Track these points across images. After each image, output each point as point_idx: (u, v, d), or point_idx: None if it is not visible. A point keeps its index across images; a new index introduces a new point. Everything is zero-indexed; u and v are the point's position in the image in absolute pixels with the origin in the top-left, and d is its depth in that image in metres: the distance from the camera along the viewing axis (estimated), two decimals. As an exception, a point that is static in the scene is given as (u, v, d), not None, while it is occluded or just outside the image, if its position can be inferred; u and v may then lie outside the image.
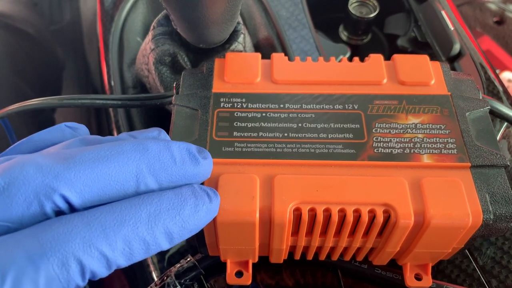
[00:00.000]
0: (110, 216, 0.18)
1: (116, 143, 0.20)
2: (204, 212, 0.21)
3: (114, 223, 0.18)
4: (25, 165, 0.18)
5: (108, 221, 0.18)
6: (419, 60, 0.30)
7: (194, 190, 0.21)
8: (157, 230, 0.19)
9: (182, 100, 0.28)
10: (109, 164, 0.19)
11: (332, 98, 0.28)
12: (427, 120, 0.27)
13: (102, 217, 0.18)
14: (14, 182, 0.18)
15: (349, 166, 0.26)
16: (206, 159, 0.22)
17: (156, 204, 0.20)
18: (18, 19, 0.60)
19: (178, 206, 0.20)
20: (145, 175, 0.20)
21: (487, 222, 0.24)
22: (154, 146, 0.21)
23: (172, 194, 0.20)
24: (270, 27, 0.42)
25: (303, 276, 0.31)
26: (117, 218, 0.18)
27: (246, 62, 0.30)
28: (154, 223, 0.19)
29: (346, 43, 0.51)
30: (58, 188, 0.18)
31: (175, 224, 0.20)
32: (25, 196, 0.18)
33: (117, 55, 0.42)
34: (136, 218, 0.19)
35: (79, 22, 0.70)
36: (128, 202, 0.19)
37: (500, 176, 0.25)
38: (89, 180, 0.19)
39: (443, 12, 0.43)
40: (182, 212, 0.20)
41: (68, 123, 0.24)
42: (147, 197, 0.20)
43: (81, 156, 0.19)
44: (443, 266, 0.31)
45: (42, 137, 0.23)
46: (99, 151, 0.20)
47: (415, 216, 0.24)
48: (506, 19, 0.76)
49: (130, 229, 0.18)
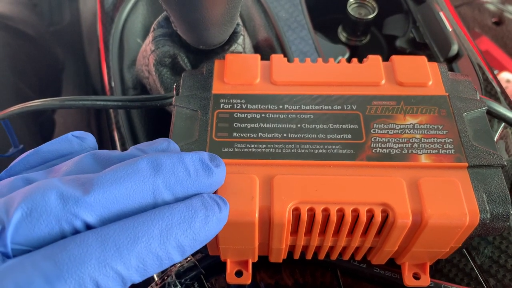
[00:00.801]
0: (124, 234, 0.19)
1: (130, 161, 0.21)
2: (214, 222, 0.21)
3: (128, 241, 0.19)
4: (46, 191, 0.19)
5: (122, 239, 0.19)
6: (417, 61, 0.30)
7: (204, 200, 0.21)
8: (169, 245, 0.20)
9: (182, 101, 0.28)
10: (126, 184, 0.20)
11: (330, 99, 0.29)
12: (425, 121, 0.27)
13: (116, 235, 0.18)
14: (36, 209, 0.18)
15: (347, 166, 0.26)
16: (219, 166, 0.23)
17: (168, 219, 0.20)
18: (18, 20, 0.60)
19: (189, 219, 0.20)
20: (162, 190, 0.21)
21: (484, 222, 0.24)
22: (168, 161, 0.21)
23: (183, 207, 0.21)
24: (270, 28, 0.42)
25: (302, 276, 0.31)
26: (130, 236, 0.19)
27: (246, 64, 0.30)
28: (166, 238, 0.19)
29: (345, 44, 0.51)
30: (79, 214, 0.19)
31: (187, 237, 0.20)
32: (47, 222, 0.18)
33: (117, 56, 0.42)
34: (149, 235, 0.19)
35: (79, 23, 0.70)
36: (141, 218, 0.20)
37: (497, 176, 0.25)
38: (108, 203, 0.19)
39: (441, 13, 0.43)
40: (193, 224, 0.20)
41: (75, 133, 0.24)
42: (159, 212, 0.20)
43: (98, 179, 0.20)
44: (441, 265, 0.31)
45: (50, 149, 0.23)
46: (115, 173, 0.20)
47: (413, 215, 0.24)
48: (505, 20, 0.76)
49: (144, 246, 0.19)
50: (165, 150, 0.24)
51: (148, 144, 0.24)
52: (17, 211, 0.18)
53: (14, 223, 0.18)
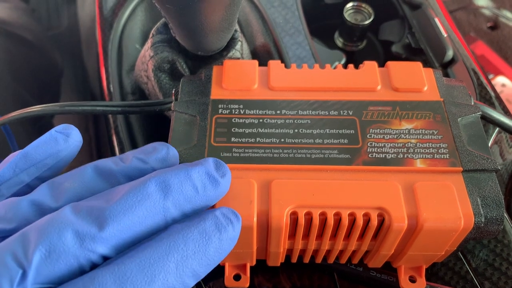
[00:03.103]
0: (141, 273, 0.19)
1: (139, 185, 0.21)
2: (227, 243, 0.21)
3: (145, 281, 0.19)
4: (62, 230, 0.19)
5: (139, 279, 0.19)
6: (412, 67, 0.31)
7: (217, 221, 0.21)
8: (185, 276, 0.20)
9: (181, 107, 0.29)
10: (138, 213, 0.20)
11: (327, 104, 0.29)
12: (420, 126, 0.28)
13: (133, 276, 0.19)
14: (55, 250, 0.18)
15: (344, 170, 0.26)
16: (225, 175, 0.23)
17: (182, 250, 0.20)
18: (16, 25, 0.60)
19: (204, 247, 0.20)
20: (172, 211, 0.21)
21: (478, 225, 0.25)
22: (175, 180, 0.21)
23: (196, 235, 0.21)
24: (267, 34, 0.43)
25: (300, 279, 0.32)
26: (148, 275, 0.19)
27: (244, 69, 0.31)
28: (182, 271, 0.20)
29: (341, 50, 0.51)
30: (96, 250, 0.19)
31: (201, 265, 0.20)
32: (66, 261, 0.19)
33: (116, 62, 0.42)
34: (166, 270, 0.19)
35: (77, 28, 0.70)
36: (156, 253, 0.19)
37: (491, 180, 0.26)
38: (122, 234, 0.20)
39: (436, 19, 0.44)
40: (207, 252, 0.20)
41: (57, 128, 0.24)
42: (173, 243, 0.20)
43: (110, 212, 0.20)
44: (437, 268, 0.32)
45: (37, 151, 0.23)
46: (126, 201, 0.20)
47: (409, 219, 0.24)
48: (500, 24, 0.77)
49: (161, 283, 0.19)
50: (165, 158, 0.24)
51: (148, 152, 0.24)
52: (36, 254, 0.18)
53: (35, 267, 0.18)
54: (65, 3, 0.79)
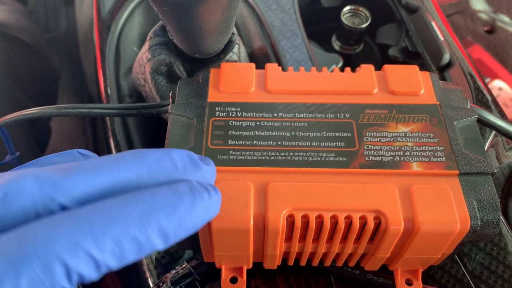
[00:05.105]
0: (99, 215, 0.17)
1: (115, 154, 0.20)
2: (202, 209, 0.20)
3: (103, 223, 0.17)
4: (23, 175, 0.18)
5: (97, 220, 0.17)
6: (409, 70, 0.31)
7: (191, 186, 0.20)
8: (151, 229, 0.18)
9: (178, 109, 0.29)
10: (108, 172, 0.19)
11: (324, 107, 0.29)
12: (416, 129, 0.28)
13: (90, 217, 0.17)
14: (11, 192, 0.17)
15: (341, 173, 0.26)
16: (208, 165, 0.22)
17: (149, 202, 0.18)
18: (14, 27, 0.60)
19: (174, 203, 0.19)
20: (146, 179, 0.20)
21: (474, 228, 0.25)
22: (154, 153, 0.20)
23: (166, 191, 0.19)
24: (264, 37, 0.43)
25: (296, 282, 0.32)
26: (106, 218, 0.17)
27: (241, 72, 0.31)
28: (148, 222, 0.18)
29: (338, 53, 0.51)
30: (56, 198, 0.18)
31: (170, 222, 0.19)
32: (21, 206, 0.17)
33: (114, 64, 0.43)
34: (127, 217, 0.18)
35: (75, 31, 0.70)
36: (119, 200, 0.18)
37: (487, 183, 0.26)
38: (87, 188, 0.18)
39: (433, 23, 0.44)
40: (178, 210, 0.19)
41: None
42: (139, 194, 0.19)
43: (79, 165, 0.19)
44: (433, 271, 0.32)
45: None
46: (98, 160, 0.19)
47: (405, 222, 0.24)
48: (497, 28, 0.77)
49: (121, 228, 0.17)
50: None
51: None
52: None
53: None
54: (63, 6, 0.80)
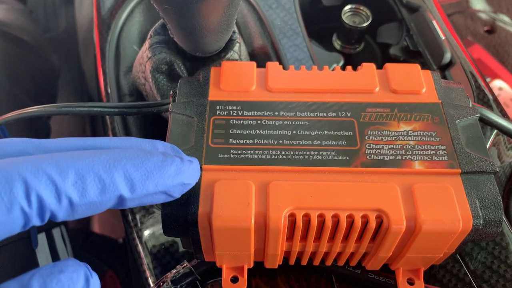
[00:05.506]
0: (67, 155, 0.18)
1: None
2: (172, 169, 0.20)
3: (69, 158, 0.18)
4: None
5: (64, 156, 0.18)
6: (410, 69, 0.31)
7: (165, 153, 0.21)
8: (116, 172, 0.18)
9: (178, 108, 0.29)
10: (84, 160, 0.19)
11: (325, 106, 0.29)
12: (418, 128, 0.28)
13: (59, 154, 0.18)
14: None
15: (342, 172, 0.26)
16: (191, 161, 0.22)
17: (118, 153, 0.19)
18: (13, 26, 0.60)
19: (143, 158, 0.19)
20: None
21: (477, 227, 0.24)
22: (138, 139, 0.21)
23: (138, 149, 0.20)
24: (265, 36, 0.43)
25: (297, 281, 0.32)
26: (74, 156, 0.18)
27: (242, 71, 0.31)
28: (113, 165, 0.18)
29: (339, 52, 0.51)
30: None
31: (137, 171, 0.19)
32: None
33: (114, 63, 0.42)
34: (94, 158, 0.18)
35: (75, 30, 0.70)
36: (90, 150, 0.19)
37: (490, 182, 0.26)
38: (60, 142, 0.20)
39: (434, 22, 0.44)
40: (146, 163, 0.19)
41: None
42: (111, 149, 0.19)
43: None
44: (435, 270, 0.32)
45: None
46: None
47: (407, 221, 0.24)
48: (497, 28, 0.77)
49: (85, 164, 0.18)
50: None
51: None
52: None
53: None
54: (63, 5, 0.79)
